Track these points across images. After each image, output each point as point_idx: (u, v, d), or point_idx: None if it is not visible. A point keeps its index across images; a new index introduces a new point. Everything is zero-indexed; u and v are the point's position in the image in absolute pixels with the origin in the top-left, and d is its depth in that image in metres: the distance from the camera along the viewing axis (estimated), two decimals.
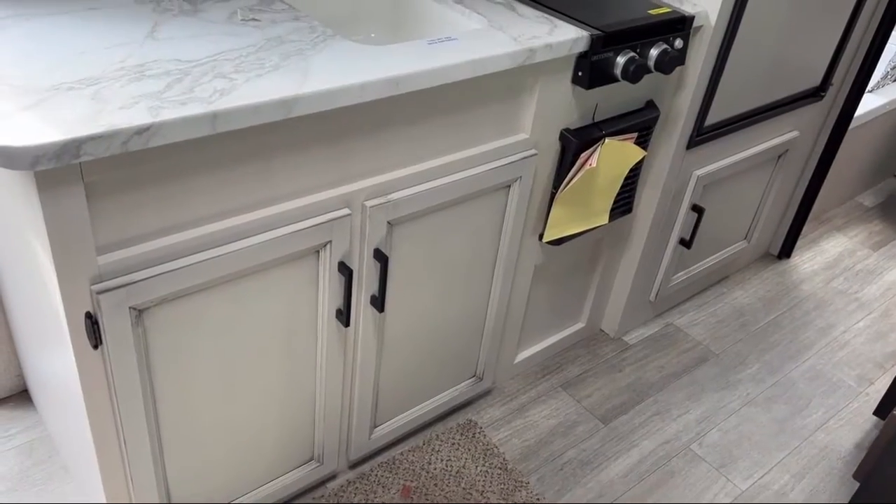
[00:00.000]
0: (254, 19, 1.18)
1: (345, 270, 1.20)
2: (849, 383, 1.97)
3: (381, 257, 1.25)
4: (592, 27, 1.35)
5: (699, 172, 1.80)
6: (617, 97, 1.51)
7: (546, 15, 1.38)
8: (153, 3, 1.18)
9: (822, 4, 1.76)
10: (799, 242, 2.50)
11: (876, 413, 1.87)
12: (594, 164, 1.47)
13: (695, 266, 2.09)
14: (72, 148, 0.82)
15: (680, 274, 2.05)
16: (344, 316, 1.25)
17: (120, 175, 0.91)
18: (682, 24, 1.48)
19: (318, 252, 1.18)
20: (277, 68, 1.04)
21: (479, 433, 1.68)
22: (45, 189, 0.85)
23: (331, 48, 1.12)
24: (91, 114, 0.86)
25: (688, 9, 1.51)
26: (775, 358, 2.02)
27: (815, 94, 2.00)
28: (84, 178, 0.87)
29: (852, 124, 2.35)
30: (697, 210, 1.87)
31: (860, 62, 2.07)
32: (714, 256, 2.13)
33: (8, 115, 0.84)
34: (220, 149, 0.99)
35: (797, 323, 2.16)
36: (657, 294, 2.00)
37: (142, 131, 0.86)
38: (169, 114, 0.89)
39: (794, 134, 2.05)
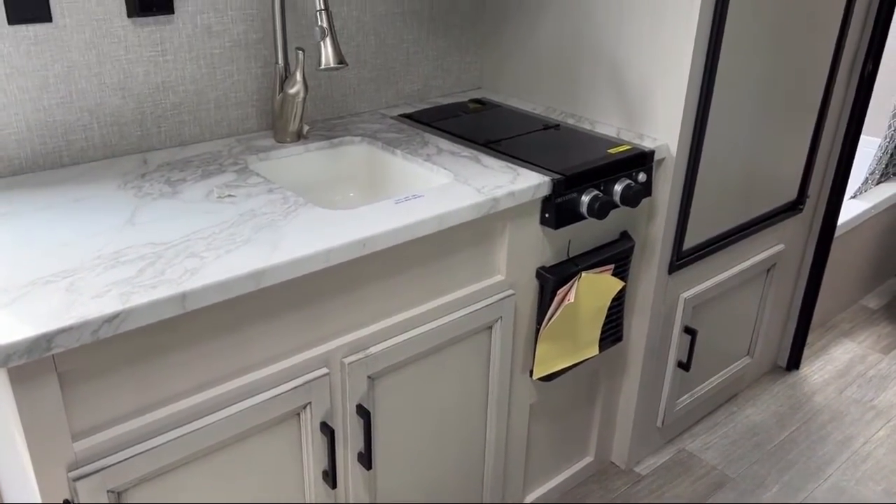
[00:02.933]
0: (230, 195, 1.26)
1: (327, 430, 1.20)
2: (876, 500, 1.88)
3: (364, 413, 1.25)
4: (554, 171, 1.42)
5: (686, 295, 1.81)
6: (589, 232, 1.56)
7: (510, 164, 1.45)
8: (135, 188, 1.27)
9: (784, 120, 1.83)
10: (806, 352, 2.46)
11: None
12: (572, 300, 1.49)
13: (699, 387, 2.06)
14: (42, 342, 0.86)
15: (685, 397, 2.01)
16: (330, 477, 1.24)
17: (93, 362, 0.94)
18: (643, 160, 1.54)
19: (298, 414, 1.19)
20: (248, 242, 1.09)
21: None
22: (18, 383, 0.88)
23: (301, 217, 1.19)
24: (64, 306, 0.91)
25: (648, 144, 1.59)
26: (795, 477, 1.95)
27: (794, 207, 2.04)
28: (57, 369, 0.90)
29: (842, 230, 2.38)
30: (690, 332, 1.86)
31: (833, 171, 2.13)
32: (718, 375, 2.11)
33: None
34: (192, 326, 1.02)
35: (814, 437, 2.09)
36: (664, 420, 1.96)
37: (111, 319, 0.90)
38: (139, 299, 0.93)
39: (780, 247, 2.07)
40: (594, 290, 1.54)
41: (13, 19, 1.21)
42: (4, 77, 1.24)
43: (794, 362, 2.37)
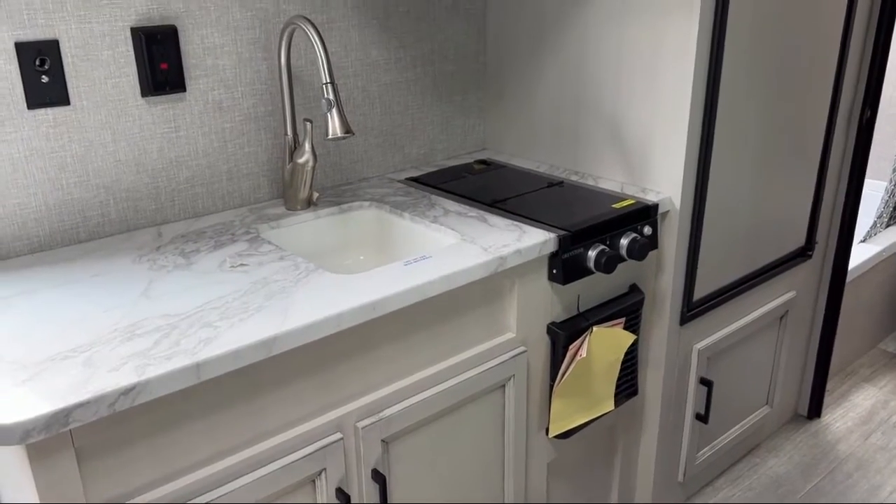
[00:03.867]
0: (242, 265, 1.29)
1: (342, 497, 1.20)
2: None
3: (379, 478, 1.25)
4: (559, 228, 1.44)
5: (699, 346, 1.81)
6: (598, 286, 1.57)
7: (516, 222, 1.48)
8: (150, 261, 1.30)
9: (786, 168, 1.86)
10: (827, 399, 2.43)
11: None
12: (584, 355, 1.49)
13: (719, 439, 2.03)
14: (60, 418, 0.87)
15: (705, 450, 1.98)
16: None
17: (110, 434, 0.95)
18: (647, 213, 1.56)
19: (313, 481, 1.18)
20: (260, 310, 1.11)
21: None
22: (36, 459, 0.89)
23: (312, 283, 1.21)
24: (81, 381, 0.92)
25: (651, 197, 1.61)
26: None
27: (803, 253, 2.05)
28: (74, 444, 0.92)
29: (854, 274, 2.38)
30: (706, 383, 1.85)
31: (840, 216, 2.14)
32: (738, 426, 2.08)
33: (3, 392, 0.90)
34: (206, 395, 1.03)
35: (840, 487, 2.04)
36: (685, 474, 1.93)
37: (128, 391, 0.92)
38: (154, 370, 0.95)
39: (791, 294, 2.07)
40: (606, 344, 1.55)
41: (32, 104, 1.26)
42: (24, 159, 1.29)
43: (815, 410, 2.33)
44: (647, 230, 1.56)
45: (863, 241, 2.60)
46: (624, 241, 1.51)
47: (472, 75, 1.92)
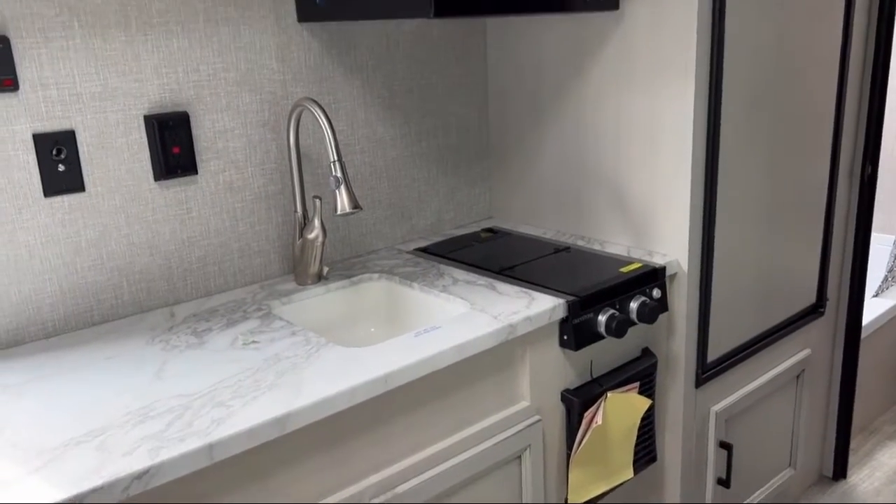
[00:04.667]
0: (254, 342, 1.29)
1: None
2: None
3: None
4: (568, 294, 1.44)
5: (716, 408, 1.78)
6: (610, 351, 1.56)
7: (525, 289, 1.48)
8: (162, 342, 1.31)
9: (791, 225, 1.87)
10: (851, 459, 2.37)
11: None
12: (600, 422, 1.48)
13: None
14: None
15: None
16: None
17: None
18: (655, 276, 1.57)
19: None
20: (273, 387, 1.12)
21: None
22: None
23: (323, 358, 1.21)
24: (94, 466, 0.92)
25: (658, 260, 1.62)
26: None
27: (815, 310, 2.04)
28: None
29: (869, 329, 2.36)
30: (726, 447, 1.82)
31: (850, 271, 2.13)
32: (761, 490, 2.03)
33: (16, 481, 0.90)
34: (219, 475, 1.03)
35: None
36: None
37: (141, 475, 0.92)
38: (167, 453, 0.94)
39: (807, 352, 2.05)
40: (622, 410, 1.53)
41: (49, 192, 1.30)
42: (41, 246, 1.31)
43: (840, 471, 2.28)
44: (656, 293, 1.57)
45: (875, 295, 2.59)
46: (633, 305, 1.52)
47: (476, 147, 1.96)
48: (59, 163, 1.30)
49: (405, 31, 1.74)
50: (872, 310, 2.43)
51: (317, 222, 1.53)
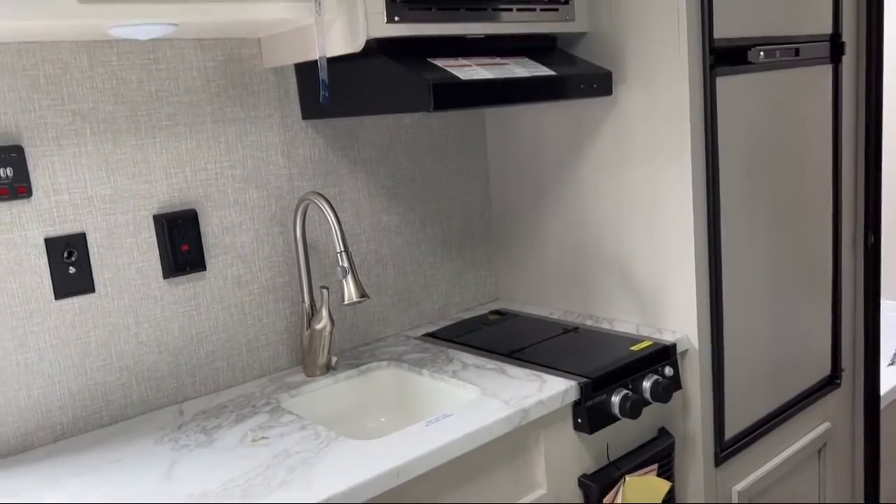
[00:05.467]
0: (263, 437, 1.28)
1: None
2: None
3: None
4: (580, 375, 1.43)
5: (738, 488, 1.73)
6: (626, 432, 1.53)
7: (535, 372, 1.47)
8: (171, 441, 1.29)
9: (800, 297, 1.86)
10: None
11: None
12: None
13: None
14: None
15: None
16: None
17: None
18: (666, 354, 1.56)
19: None
20: (283, 484, 1.10)
21: None
22: None
23: (333, 452, 1.19)
24: None
25: (668, 337, 1.61)
26: None
27: (831, 381, 2.01)
28: None
29: (888, 399, 2.32)
30: None
31: (863, 340, 2.11)
32: None
33: None
34: None
35: None
36: None
37: None
38: None
39: (826, 426, 2.01)
40: (641, 493, 1.49)
41: (60, 294, 1.32)
42: (50, 349, 1.32)
43: None
44: (669, 371, 1.55)
45: (891, 363, 2.55)
46: (646, 384, 1.50)
47: (480, 230, 1.98)
48: (69, 265, 1.32)
49: (406, 123, 1.79)
50: (889, 379, 2.39)
51: (324, 312, 1.54)
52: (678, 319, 1.63)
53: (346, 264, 1.41)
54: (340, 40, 1.34)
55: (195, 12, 1.15)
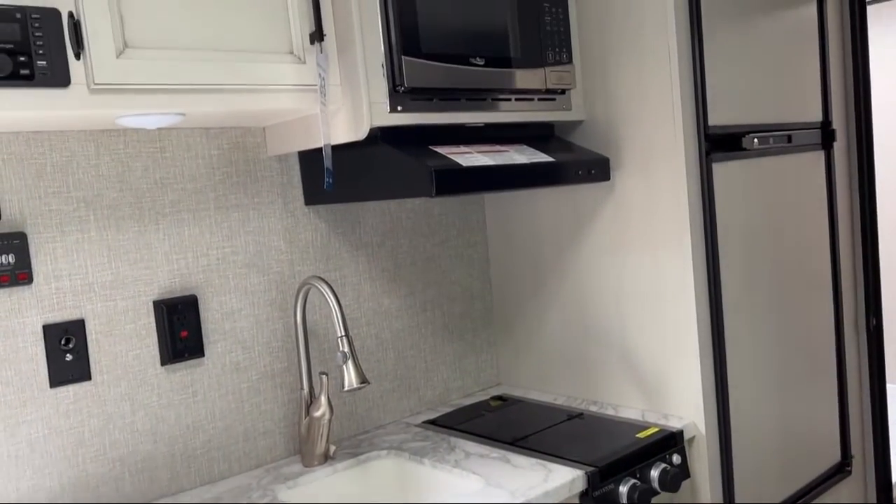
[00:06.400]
0: None
1: None
2: None
3: None
4: (586, 464, 1.39)
5: None
6: None
7: (540, 461, 1.43)
8: None
9: (805, 383, 1.84)
10: None
11: None
12: None
13: None
14: None
15: None
16: None
17: None
18: (673, 441, 1.52)
19: None
20: None
21: None
22: None
23: None
24: None
25: (674, 423, 1.58)
26: None
27: (842, 469, 1.96)
28: None
29: None
30: None
31: (871, 425, 2.07)
32: None
33: None
34: None
35: None
36: None
37: None
38: None
39: None
40: None
41: (55, 382, 1.29)
42: (43, 439, 1.28)
43: None
44: (676, 458, 1.51)
45: None
46: (654, 473, 1.46)
47: (480, 314, 1.97)
48: (66, 352, 1.30)
49: (407, 208, 1.81)
50: None
51: (323, 399, 1.51)
52: (684, 405, 1.60)
53: (346, 349, 1.39)
54: (344, 129, 1.36)
55: (206, 102, 1.17)
